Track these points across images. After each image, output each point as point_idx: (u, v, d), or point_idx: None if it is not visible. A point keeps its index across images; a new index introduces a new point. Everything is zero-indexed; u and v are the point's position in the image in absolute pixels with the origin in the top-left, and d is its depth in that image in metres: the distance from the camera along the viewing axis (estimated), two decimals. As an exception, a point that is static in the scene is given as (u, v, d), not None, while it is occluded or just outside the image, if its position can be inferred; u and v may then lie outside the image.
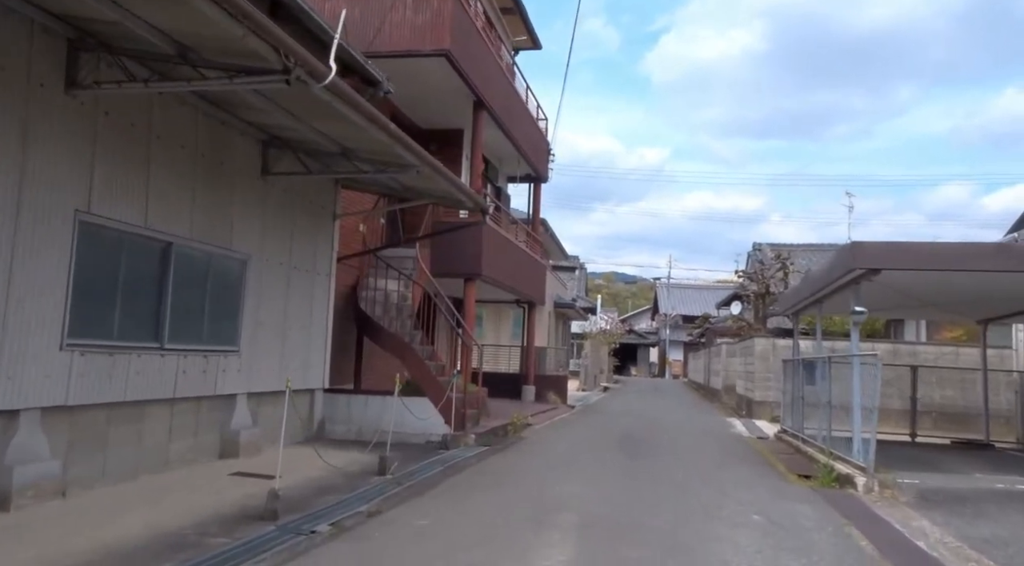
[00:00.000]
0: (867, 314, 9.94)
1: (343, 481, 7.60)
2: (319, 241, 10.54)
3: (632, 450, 11.14)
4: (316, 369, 10.58)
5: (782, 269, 25.46)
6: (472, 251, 13.94)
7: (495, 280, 15.01)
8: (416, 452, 9.94)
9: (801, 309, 13.49)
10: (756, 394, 19.08)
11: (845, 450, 9.82)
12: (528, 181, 20.12)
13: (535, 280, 19.34)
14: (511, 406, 16.74)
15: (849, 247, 9.07)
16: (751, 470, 9.79)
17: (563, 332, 41.02)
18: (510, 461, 9.57)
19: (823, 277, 10.85)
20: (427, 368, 11.44)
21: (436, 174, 9.03)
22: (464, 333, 13.71)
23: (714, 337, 35.29)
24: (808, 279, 12.26)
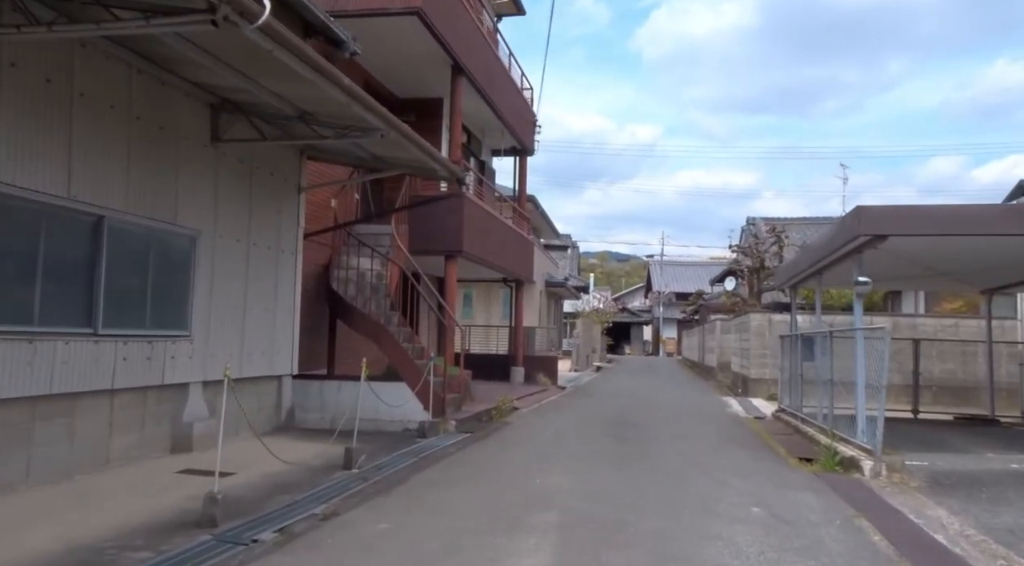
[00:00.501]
0: (871, 285, 9.26)
1: (303, 477, 6.91)
2: (283, 216, 9.77)
3: (623, 435, 10.49)
4: (283, 354, 9.86)
5: (777, 243, 24.79)
6: (452, 227, 13.18)
7: (478, 257, 14.27)
8: (391, 441, 9.26)
9: (799, 281, 12.81)
10: (752, 372, 18.48)
11: (848, 430, 9.19)
12: (513, 154, 19.31)
13: (522, 257, 18.60)
14: (498, 389, 16.08)
15: (853, 212, 8.36)
16: (749, 454, 9.15)
17: (555, 312, 40.37)
18: (491, 450, 8.90)
19: (824, 246, 10.16)
20: (404, 351, 10.73)
21: (403, 139, 8.26)
22: (445, 314, 13.00)
23: (708, 314, 34.69)
24: (807, 250, 11.57)
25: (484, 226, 14.73)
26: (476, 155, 18.16)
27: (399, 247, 12.13)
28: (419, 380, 10.36)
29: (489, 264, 15.29)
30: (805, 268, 11.66)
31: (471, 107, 15.89)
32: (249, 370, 9.00)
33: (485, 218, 14.84)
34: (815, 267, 11.12)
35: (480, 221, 14.41)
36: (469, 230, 13.48)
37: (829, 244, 9.83)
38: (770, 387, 18.12)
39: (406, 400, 10.37)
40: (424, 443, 9.18)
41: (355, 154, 9.87)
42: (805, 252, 11.89)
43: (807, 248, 11.81)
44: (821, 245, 10.49)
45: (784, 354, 13.97)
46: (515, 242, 17.85)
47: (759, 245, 25.26)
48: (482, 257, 14.49)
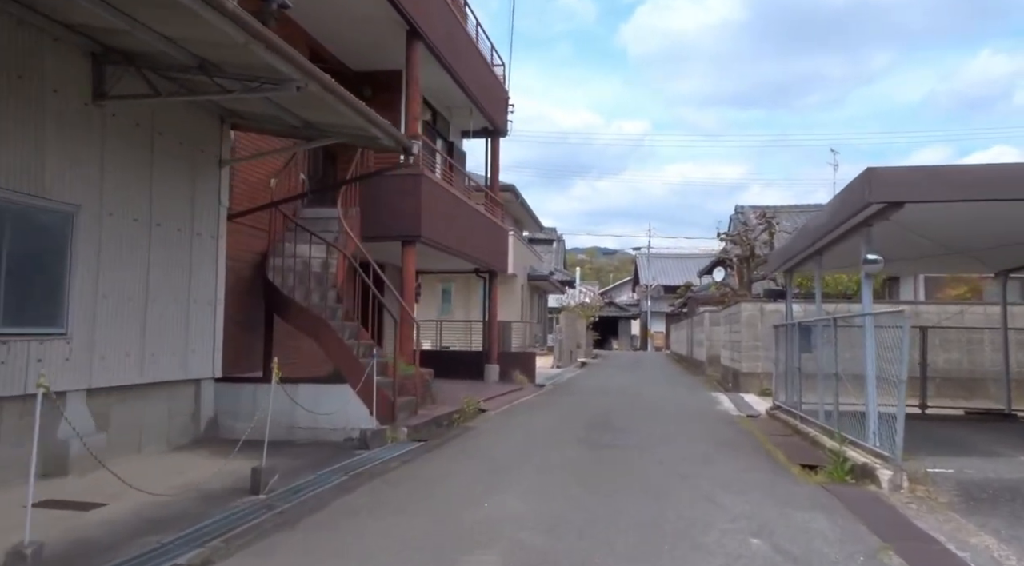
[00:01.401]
0: (883, 263, 7.98)
1: (193, 506, 5.55)
2: (199, 194, 8.38)
3: (599, 440, 9.18)
4: (202, 354, 8.48)
5: (767, 229, 23.55)
6: (409, 209, 11.82)
7: (441, 244, 12.92)
8: (326, 454, 7.91)
9: (796, 265, 11.54)
10: (743, 365, 17.23)
11: (855, 431, 7.93)
12: (485, 136, 17.95)
13: (495, 246, 17.26)
14: (468, 389, 14.74)
15: (863, 176, 7.07)
16: (744, 462, 7.85)
17: (539, 306, 39.05)
18: (441, 463, 7.55)
19: (825, 222, 8.87)
20: (347, 349, 9.37)
21: (327, 94, 6.91)
22: (403, 307, 11.65)
23: (696, 306, 33.48)
24: (805, 229, 10.29)
25: (448, 210, 13.37)
26: (443, 136, 16.80)
27: (346, 231, 10.74)
28: (367, 383, 9.02)
29: (455, 252, 13.94)
30: (803, 249, 10.38)
31: (434, 81, 14.53)
32: (154, 373, 7.62)
33: (449, 201, 13.48)
34: (814, 247, 9.84)
35: (443, 204, 13.05)
36: (429, 213, 12.13)
37: (832, 218, 8.54)
38: (763, 381, 16.88)
39: (349, 405, 9.04)
40: (365, 456, 7.84)
41: (284, 121, 8.50)
42: (802, 232, 10.62)
43: (805, 228, 10.54)
44: (822, 222, 9.21)
45: (779, 346, 12.72)
46: (486, 230, 16.50)
47: (748, 233, 24.02)
48: (446, 244, 13.13)
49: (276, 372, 6.47)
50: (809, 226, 10.00)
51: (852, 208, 7.65)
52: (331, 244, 10.18)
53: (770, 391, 16.49)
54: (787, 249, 11.77)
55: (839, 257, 10.15)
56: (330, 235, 11.06)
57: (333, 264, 11.01)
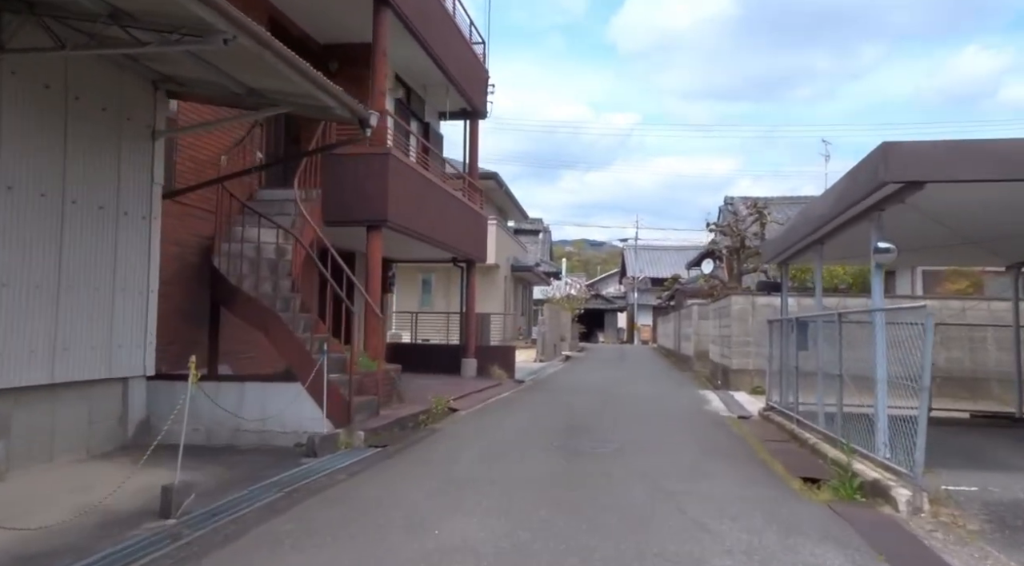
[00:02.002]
0: (895, 253, 7.14)
1: (85, 536, 4.63)
2: (127, 168, 7.40)
3: (576, 446, 8.29)
4: (131, 349, 7.51)
5: (758, 220, 22.74)
6: (374, 191, 10.86)
7: (411, 230, 11.96)
8: (267, 463, 6.99)
9: (793, 255, 10.68)
10: (733, 361, 16.41)
11: (863, 440, 7.11)
12: (464, 117, 16.97)
13: (473, 234, 16.31)
14: (442, 385, 13.84)
15: (879, 151, 6.19)
16: (738, 475, 6.99)
17: (523, 298, 38.16)
18: (395, 475, 6.64)
19: (831, 206, 8.00)
20: (298, 343, 8.42)
21: (264, 51, 5.95)
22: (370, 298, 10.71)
23: (684, 299, 32.70)
24: (805, 215, 9.42)
25: (420, 193, 12.41)
26: (418, 116, 15.81)
27: (304, 216, 9.77)
28: (319, 381, 8.11)
29: (427, 239, 12.99)
30: (802, 237, 9.52)
31: (407, 56, 13.55)
32: (67, 372, 6.65)
33: (421, 184, 12.52)
34: (816, 235, 8.98)
35: (413, 187, 12.09)
36: (396, 196, 11.16)
37: (838, 202, 7.67)
38: (754, 379, 16.08)
39: (300, 406, 8.12)
40: (310, 465, 6.91)
41: (225, 88, 7.52)
42: (801, 219, 9.76)
43: (804, 214, 9.68)
44: (825, 207, 8.34)
45: (773, 342, 11.88)
46: (464, 216, 15.55)
47: (739, 223, 23.21)
48: (416, 230, 12.18)
49: (193, 371, 5.52)
50: (810, 212, 9.14)
51: (863, 189, 6.78)
52: (282, 227, 9.20)
53: (762, 389, 15.68)
54: (783, 238, 10.91)
55: (843, 246, 9.31)
56: (288, 219, 10.11)
57: (290, 251, 10.06)
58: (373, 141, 10.87)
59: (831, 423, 8.38)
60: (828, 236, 8.81)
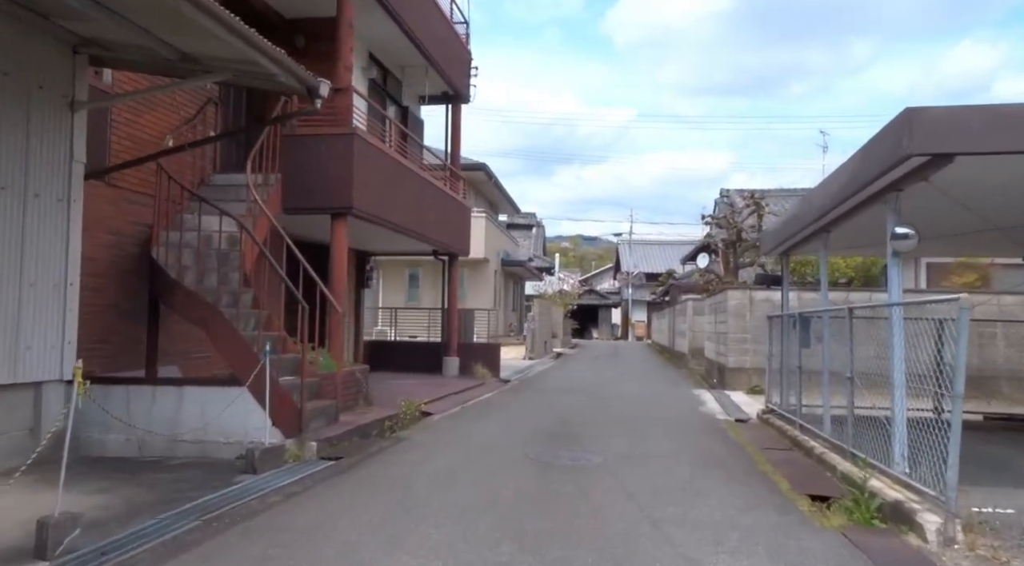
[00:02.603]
0: (916, 240, 6.27)
1: (-75, 585, 3.71)
2: (38, 144, 6.46)
3: (554, 458, 7.40)
4: (44, 350, 6.58)
5: (756, 212, 21.85)
6: (338, 175, 9.93)
7: (381, 219, 11.05)
8: (196, 481, 6.09)
9: (796, 245, 9.79)
10: (730, 359, 15.55)
11: (876, 450, 6.26)
12: (445, 102, 16.04)
13: (455, 226, 15.40)
14: (420, 386, 12.95)
15: (902, 119, 5.30)
16: (737, 494, 6.10)
17: (515, 294, 37.27)
18: (340, 498, 5.74)
19: (840, 188, 7.11)
20: (242, 343, 7.50)
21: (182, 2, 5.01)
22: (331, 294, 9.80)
23: (679, 294, 31.85)
24: (808, 201, 8.52)
25: (392, 179, 11.49)
26: (395, 99, 14.87)
27: (257, 202, 8.83)
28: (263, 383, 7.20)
29: (403, 230, 12.07)
30: (806, 225, 8.63)
31: (383, 35, 12.65)
32: (-43, 377, 5.73)
33: (393, 169, 11.59)
34: (821, 222, 8.09)
35: (384, 171, 11.17)
36: (364, 181, 10.24)
37: (849, 183, 6.78)
38: (751, 378, 15.23)
39: (245, 413, 7.21)
40: (246, 483, 6.01)
41: (155, 53, 6.57)
42: (805, 205, 8.87)
43: (807, 199, 8.78)
44: (833, 189, 7.45)
45: (773, 339, 11.01)
46: (444, 206, 14.64)
47: (735, 216, 22.32)
48: (388, 219, 11.26)
49: (78, 379, 4.58)
50: (815, 197, 8.25)
51: (879, 166, 5.88)
52: (226, 214, 8.25)
53: (760, 389, 14.83)
54: (784, 227, 10.02)
55: (852, 234, 8.43)
56: (244, 205, 9.17)
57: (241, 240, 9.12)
58: (337, 120, 9.97)
59: (839, 429, 7.52)
60: (835, 223, 7.92)
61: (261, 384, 7.12)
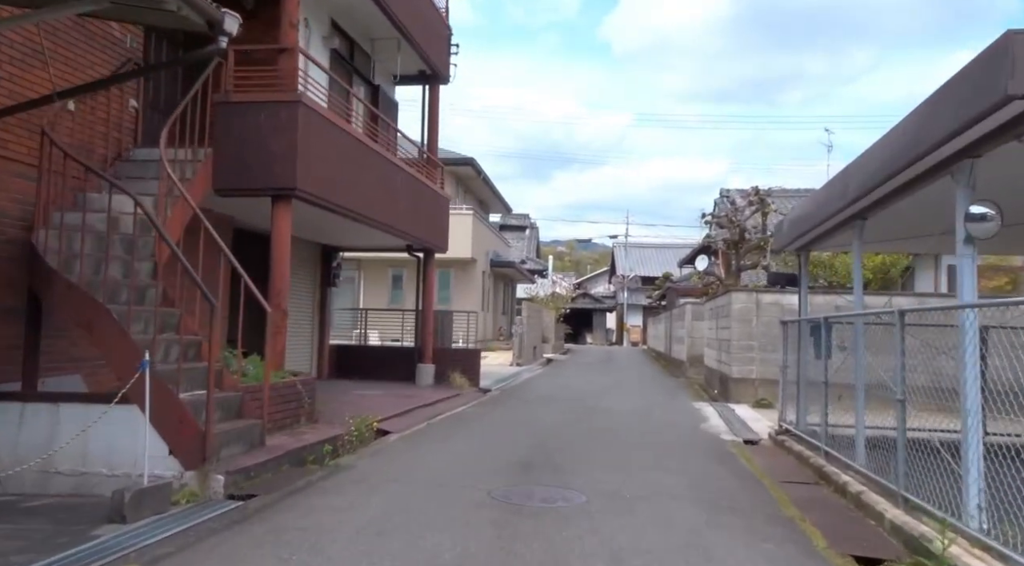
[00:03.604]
0: (997, 223, 4.83)
1: None
2: None
3: (526, 499, 5.88)
4: None
5: (759, 210, 20.41)
6: (281, 150, 8.43)
7: (338, 205, 9.54)
8: (46, 532, 4.58)
9: (820, 236, 8.28)
10: (734, 369, 14.06)
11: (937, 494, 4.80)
12: (422, 82, 14.54)
13: (430, 218, 13.90)
14: (383, 398, 11.46)
15: (1001, 48, 3.83)
16: (761, 554, 4.59)
17: (506, 296, 35.77)
18: (222, 562, 4.21)
19: (887, 160, 5.62)
20: (133, 349, 5.94)
21: None
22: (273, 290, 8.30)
23: (676, 297, 30.41)
24: (844, 179, 6.99)
25: (350, 159, 9.99)
26: (364, 76, 13.37)
27: (171, 178, 7.30)
28: (168, 402, 5.69)
29: (364, 218, 10.56)
30: (836, 211, 7.12)
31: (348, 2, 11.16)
32: None
33: (353, 149, 10.08)
34: (858, 205, 6.61)
35: (341, 151, 9.67)
36: (312, 158, 8.73)
37: (906, 150, 5.29)
38: (758, 390, 13.76)
39: (136, 437, 5.69)
40: (105, 539, 4.49)
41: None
42: (835, 187, 7.35)
43: (841, 178, 7.24)
44: (878, 162, 5.96)
45: (788, 347, 9.54)
46: (418, 196, 13.14)
47: (737, 214, 20.85)
48: (345, 205, 9.75)
49: None
50: (850, 176, 6.75)
51: (956, 120, 4.40)
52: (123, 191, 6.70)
53: (768, 402, 13.36)
54: (805, 218, 8.51)
55: (890, 222, 6.95)
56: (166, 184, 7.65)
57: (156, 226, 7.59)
58: (280, 85, 8.47)
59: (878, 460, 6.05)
60: (877, 207, 6.43)
61: (158, 401, 5.61)
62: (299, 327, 13.79)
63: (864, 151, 6.36)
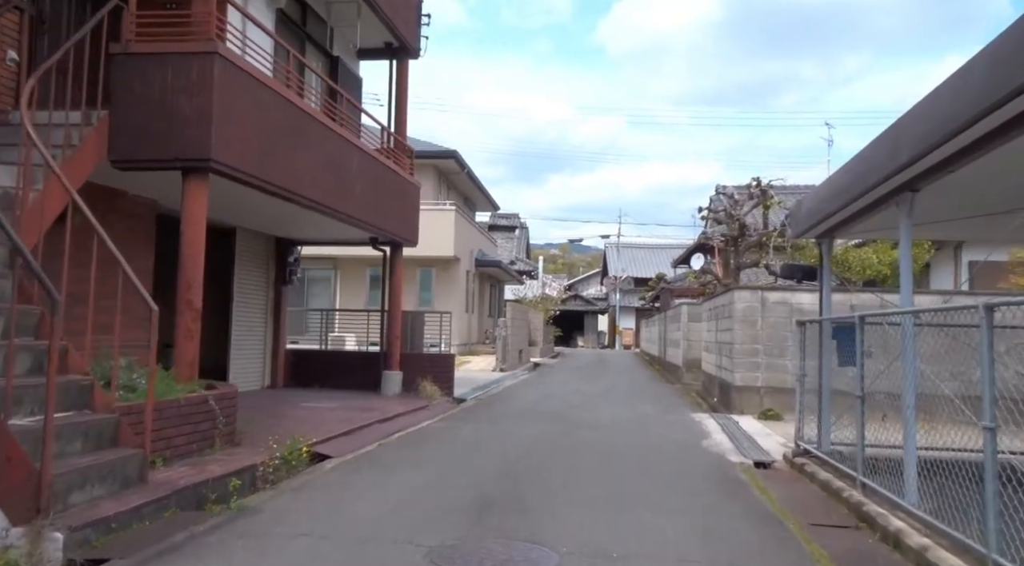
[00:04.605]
0: None
1: None
2: None
3: (482, 557, 4.36)
4: None
5: (760, 203, 18.96)
6: (192, 111, 6.88)
7: (265, 181, 7.98)
8: None
9: (855, 215, 6.75)
10: (736, 376, 12.57)
11: None
12: (389, 56, 13.02)
13: (397, 207, 12.37)
14: (336, 412, 9.95)
15: None
16: None
17: (492, 298, 34.24)
18: None
19: (972, 100, 4.13)
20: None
21: None
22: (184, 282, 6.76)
23: (671, 298, 28.94)
24: (901, 131, 5.44)
25: (285, 128, 8.44)
26: (320, 45, 11.82)
27: (37, 145, 5.76)
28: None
29: (305, 200, 9.01)
30: (881, 179, 5.61)
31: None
32: None
33: (289, 117, 8.53)
34: (918, 168, 5.11)
35: (274, 117, 8.12)
36: (234, 123, 7.19)
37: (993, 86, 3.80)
38: (764, 399, 12.29)
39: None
40: None
41: None
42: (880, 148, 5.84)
43: (893, 133, 5.69)
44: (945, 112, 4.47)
45: (807, 352, 8.05)
46: (382, 182, 11.62)
47: (737, 207, 19.39)
48: (278, 183, 8.20)
49: None
50: (904, 129, 5.25)
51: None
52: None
53: (774, 413, 11.88)
54: (834, 192, 6.98)
55: (952, 194, 5.47)
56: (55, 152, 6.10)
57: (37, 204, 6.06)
58: (193, 32, 6.93)
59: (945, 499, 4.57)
60: (940, 170, 4.94)
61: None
62: (249, 331, 12.25)
63: (926, 96, 4.87)
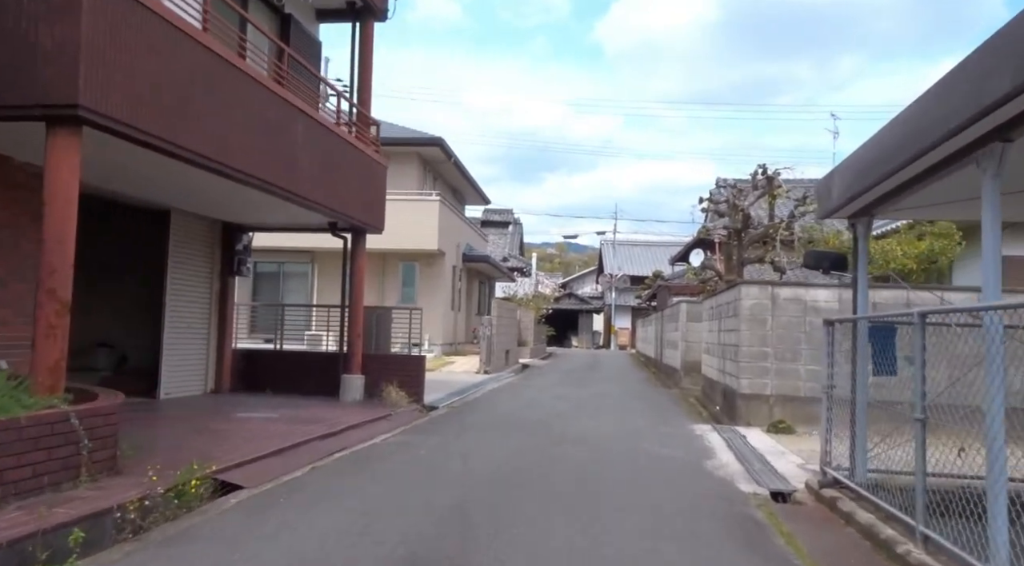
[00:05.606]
0: None
1: None
2: None
3: None
4: None
5: (766, 193, 17.49)
6: (53, 43, 5.35)
7: (178, 145, 6.45)
8: None
9: (912, 180, 5.22)
10: (743, 382, 11.09)
11: None
12: (352, 18, 11.50)
13: (358, 187, 10.86)
14: (275, 424, 8.47)
15: None
16: None
17: (482, 295, 32.73)
18: None
19: None
20: None
21: None
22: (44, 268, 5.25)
23: (669, 296, 27.47)
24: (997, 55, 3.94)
25: (203, 81, 6.91)
26: (274, 3, 10.30)
27: None
28: None
29: (237, 173, 7.49)
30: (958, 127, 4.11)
31: None
32: None
33: (207, 67, 6.99)
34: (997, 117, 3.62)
35: (185, 65, 6.59)
36: (118, 63, 5.66)
37: None
38: (774, 409, 10.81)
39: None
40: None
41: None
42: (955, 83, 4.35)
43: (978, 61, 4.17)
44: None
45: (836, 358, 6.54)
46: (339, 158, 10.11)
47: (740, 197, 17.90)
48: (189, 146, 6.66)
49: None
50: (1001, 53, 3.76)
51: None
52: None
53: (786, 425, 10.40)
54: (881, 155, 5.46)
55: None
56: None
57: None
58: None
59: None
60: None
61: None
62: (188, 328, 10.74)
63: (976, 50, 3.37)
